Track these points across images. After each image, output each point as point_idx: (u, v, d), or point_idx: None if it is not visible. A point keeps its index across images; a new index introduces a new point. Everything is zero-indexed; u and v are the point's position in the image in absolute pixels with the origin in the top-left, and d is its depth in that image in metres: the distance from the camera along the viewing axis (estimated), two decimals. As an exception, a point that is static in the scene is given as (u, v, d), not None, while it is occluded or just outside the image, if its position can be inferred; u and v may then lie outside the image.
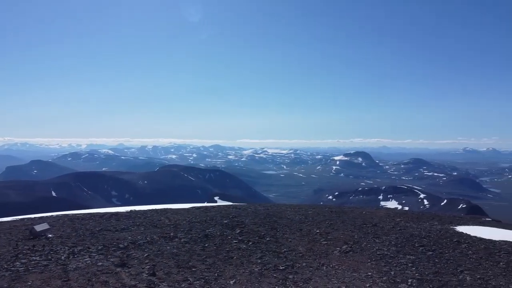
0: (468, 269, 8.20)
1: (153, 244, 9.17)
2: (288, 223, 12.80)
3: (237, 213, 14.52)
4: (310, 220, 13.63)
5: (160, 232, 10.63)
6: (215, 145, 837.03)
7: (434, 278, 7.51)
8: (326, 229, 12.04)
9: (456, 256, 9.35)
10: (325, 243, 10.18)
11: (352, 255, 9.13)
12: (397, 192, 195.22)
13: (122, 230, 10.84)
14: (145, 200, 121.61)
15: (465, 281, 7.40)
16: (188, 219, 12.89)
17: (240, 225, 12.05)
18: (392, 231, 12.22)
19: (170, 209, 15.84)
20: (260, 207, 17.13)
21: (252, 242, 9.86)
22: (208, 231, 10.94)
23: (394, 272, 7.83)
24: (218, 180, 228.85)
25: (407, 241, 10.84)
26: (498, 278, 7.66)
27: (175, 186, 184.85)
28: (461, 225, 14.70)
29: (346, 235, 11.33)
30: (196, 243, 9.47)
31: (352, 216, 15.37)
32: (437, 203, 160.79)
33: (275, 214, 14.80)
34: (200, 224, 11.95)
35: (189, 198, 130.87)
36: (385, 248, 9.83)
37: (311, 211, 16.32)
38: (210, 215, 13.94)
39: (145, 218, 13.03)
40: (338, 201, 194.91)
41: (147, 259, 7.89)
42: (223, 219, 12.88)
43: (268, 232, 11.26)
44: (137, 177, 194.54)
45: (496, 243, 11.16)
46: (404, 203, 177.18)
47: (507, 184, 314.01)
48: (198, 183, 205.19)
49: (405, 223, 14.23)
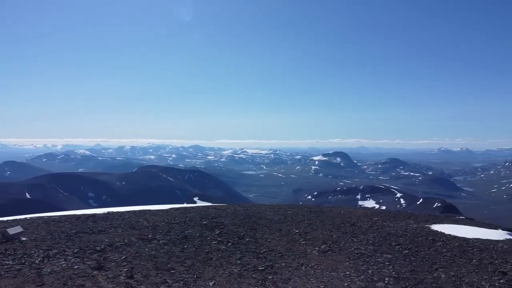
0: (442, 267, 8.41)
1: (131, 246, 9.05)
2: (268, 223, 12.84)
3: (217, 214, 14.46)
4: (289, 220, 13.71)
5: (138, 234, 10.49)
6: (194, 145, 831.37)
7: (410, 276, 7.67)
8: (305, 229, 12.13)
9: (431, 254, 9.59)
10: (304, 243, 10.25)
11: (330, 254, 9.23)
12: (374, 192, 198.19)
13: (99, 232, 10.65)
14: (123, 202, 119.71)
15: (440, 279, 7.59)
16: (167, 220, 12.76)
17: (219, 226, 12.01)
18: (369, 230, 12.42)
19: (148, 211, 15.64)
20: (239, 208, 17.11)
21: (231, 243, 9.85)
22: (187, 232, 10.85)
23: (371, 271, 7.96)
24: (197, 181, 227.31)
25: (384, 240, 11.04)
26: (471, 275, 7.89)
27: (153, 187, 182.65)
28: (436, 223, 15.06)
29: (325, 234, 11.45)
30: (175, 245, 9.39)
31: (330, 215, 15.53)
32: (413, 202, 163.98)
33: (255, 214, 14.81)
34: (179, 226, 11.85)
35: (168, 199, 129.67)
36: (362, 247, 9.99)
37: (290, 211, 16.41)
38: (189, 216, 13.84)
39: (123, 219, 12.82)
40: (317, 201, 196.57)
41: (125, 262, 7.77)
42: (203, 220, 12.81)
43: (248, 232, 11.26)
44: (114, 178, 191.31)
45: (469, 240, 11.49)
46: (382, 202, 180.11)
47: (480, 183, 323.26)
48: (177, 184, 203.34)
49: (382, 222, 14.49)
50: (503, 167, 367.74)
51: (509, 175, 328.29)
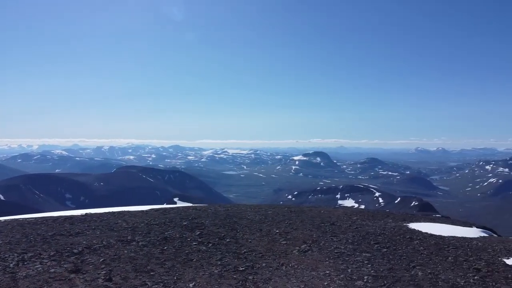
0: (419, 265, 8.59)
1: (109, 248, 8.89)
2: (248, 224, 12.84)
3: (197, 215, 14.37)
4: (269, 220, 13.75)
5: (117, 235, 10.31)
6: (174, 145, 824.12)
7: (388, 274, 7.80)
8: (286, 229, 12.19)
9: (408, 252, 9.77)
10: (284, 243, 10.30)
11: (310, 254, 9.31)
12: (354, 191, 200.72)
13: (77, 234, 10.42)
14: (101, 203, 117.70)
15: (417, 276, 7.75)
16: (146, 221, 12.58)
17: (200, 226, 11.94)
18: (349, 230, 12.57)
19: (127, 212, 15.40)
20: (220, 208, 17.06)
21: (212, 244, 9.81)
22: (167, 233, 10.75)
23: (351, 269, 8.06)
24: (177, 181, 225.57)
25: (363, 239, 11.20)
26: (447, 272, 8.08)
27: (133, 187, 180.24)
28: (413, 222, 15.37)
29: (305, 234, 11.53)
30: (154, 246, 9.28)
31: (310, 215, 15.65)
32: (391, 201, 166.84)
33: (235, 214, 14.79)
34: (158, 227, 11.71)
35: (147, 200, 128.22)
36: (342, 246, 10.10)
37: (271, 211, 16.45)
38: (169, 217, 13.70)
39: (101, 221, 12.58)
40: (297, 201, 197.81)
41: (103, 264, 7.64)
42: (183, 221, 12.70)
43: (228, 233, 11.24)
44: (92, 178, 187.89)
45: (445, 238, 11.77)
46: (361, 201, 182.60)
47: (455, 182, 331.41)
48: (157, 184, 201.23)
49: (361, 221, 14.68)
50: (477, 166, 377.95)
51: (482, 174, 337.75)
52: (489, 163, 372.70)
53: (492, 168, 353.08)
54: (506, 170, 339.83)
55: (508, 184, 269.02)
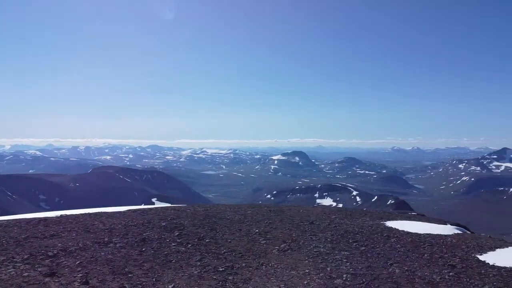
0: (397, 262, 8.75)
1: (86, 251, 8.69)
2: (228, 224, 12.81)
3: (176, 215, 14.23)
4: (249, 220, 13.75)
5: (94, 237, 10.10)
6: (152, 145, 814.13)
7: (366, 272, 7.92)
8: (265, 228, 12.21)
9: (386, 250, 9.95)
10: (264, 243, 10.32)
11: (290, 253, 9.35)
12: (332, 190, 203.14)
13: (52, 236, 10.15)
14: (77, 204, 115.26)
15: (395, 274, 7.90)
16: (124, 222, 12.36)
17: (178, 227, 11.83)
18: (327, 228, 12.69)
19: (104, 213, 15.11)
20: (199, 208, 16.95)
21: (191, 244, 9.73)
22: (145, 234, 10.60)
23: (330, 268, 8.14)
24: (155, 181, 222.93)
25: (341, 237, 11.33)
26: (423, 269, 8.26)
27: (109, 188, 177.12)
28: (390, 220, 15.65)
29: (284, 233, 11.58)
30: (132, 248, 9.13)
31: (290, 214, 15.74)
32: (368, 200, 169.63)
33: (215, 214, 14.73)
34: (136, 228, 11.53)
35: (125, 201, 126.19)
36: (321, 245, 10.19)
37: (250, 210, 16.46)
38: (147, 218, 13.51)
39: (77, 223, 12.29)
40: (276, 200, 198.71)
41: (80, 267, 7.46)
42: (161, 222, 12.55)
43: (208, 233, 11.18)
44: (68, 179, 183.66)
45: (421, 236, 12.03)
46: (339, 200, 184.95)
47: (430, 181, 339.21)
48: (135, 185, 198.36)
49: (339, 220, 14.85)
50: (451, 165, 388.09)
51: (456, 172, 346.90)
52: (462, 162, 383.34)
53: (465, 166, 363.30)
54: (478, 169, 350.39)
55: (479, 182, 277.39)
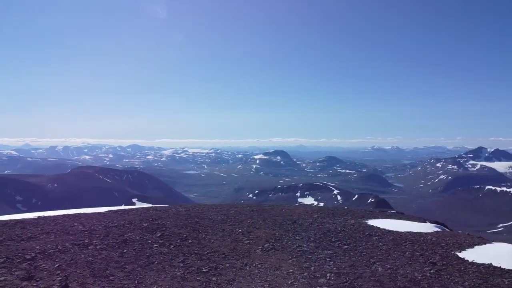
0: (379, 260, 8.85)
1: (65, 253, 8.47)
2: (210, 224, 12.72)
3: (158, 216, 14.05)
4: (232, 220, 13.69)
5: (73, 239, 9.86)
6: (133, 145, 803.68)
7: (350, 271, 7.97)
8: (248, 228, 12.18)
9: (368, 248, 10.04)
10: (247, 242, 10.28)
11: (274, 253, 9.34)
12: (313, 189, 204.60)
13: (29, 239, 9.86)
14: (55, 205, 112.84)
15: (377, 272, 7.97)
16: (104, 224, 12.13)
17: (160, 228, 11.68)
18: (310, 227, 12.74)
19: (83, 214, 14.80)
20: (181, 208, 16.80)
21: (173, 245, 9.61)
22: (127, 235, 10.41)
23: (313, 267, 8.17)
24: (136, 182, 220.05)
25: (324, 236, 11.39)
26: (405, 267, 8.36)
27: (89, 188, 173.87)
28: (372, 219, 15.83)
29: (267, 233, 11.57)
30: (113, 250, 8.95)
31: (272, 214, 15.74)
32: (349, 198, 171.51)
33: (197, 215, 14.61)
34: (117, 229, 11.32)
35: (105, 201, 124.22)
36: (304, 245, 10.22)
37: (233, 210, 16.40)
38: (128, 218, 13.29)
39: (56, 224, 11.99)
40: (258, 199, 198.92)
41: (59, 270, 7.27)
42: (143, 223, 12.37)
43: (190, 234, 11.07)
44: (45, 179, 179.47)
45: (402, 234, 12.20)
46: (320, 199, 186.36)
47: (409, 179, 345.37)
48: (115, 185, 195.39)
49: (322, 219, 14.94)
50: (429, 163, 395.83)
51: (434, 171, 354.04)
52: (439, 161, 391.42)
53: (442, 165, 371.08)
54: (455, 167, 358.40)
55: (456, 181, 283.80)
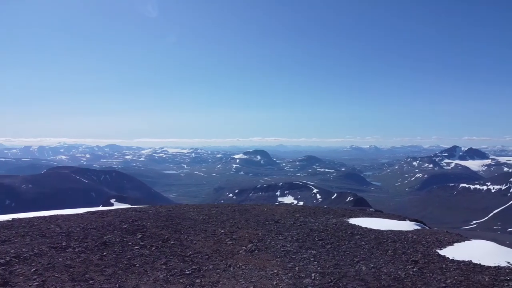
0: (363, 259, 8.87)
1: (42, 257, 8.15)
2: (192, 224, 12.54)
3: (137, 217, 13.76)
4: (214, 220, 13.54)
5: (50, 242, 9.52)
6: (110, 144, 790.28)
7: (334, 271, 7.95)
8: (231, 228, 12.06)
9: (351, 247, 10.07)
10: (230, 243, 10.16)
11: (257, 253, 9.25)
12: (293, 188, 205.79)
13: (3, 242, 9.47)
14: (30, 207, 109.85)
15: (361, 271, 7.98)
16: (82, 225, 11.78)
17: (141, 229, 11.42)
18: (293, 227, 12.71)
19: (60, 216, 14.37)
20: (161, 209, 16.53)
21: (155, 247, 9.40)
22: (106, 237, 10.13)
23: (298, 267, 8.11)
24: (114, 182, 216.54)
25: (307, 236, 11.37)
26: (388, 266, 8.41)
27: (65, 189, 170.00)
28: (353, 217, 15.94)
29: (250, 233, 11.47)
30: (92, 252, 8.68)
31: (254, 213, 15.66)
32: (328, 197, 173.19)
33: (178, 215, 14.39)
34: (96, 231, 11.01)
35: (82, 202, 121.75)
36: (288, 244, 10.17)
37: (214, 210, 16.24)
38: (107, 220, 12.97)
39: (31, 227, 11.58)
40: (238, 199, 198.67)
41: (35, 275, 6.98)
42: (122, 224, 12.07)
43: (172, 235, 10.87)
44: (20, 180, 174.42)
45: (383, 232, 12.30)
46: (299, 198, 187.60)
47: (386, 178, 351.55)
48: (92, 186, 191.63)
49: (304, 218, 14.94)
50: (406, 162, 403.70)
51: (410, 169, 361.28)
52: (416, 160, 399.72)
53: (419, 164, 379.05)
54: (431, 166, 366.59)
55: (432, 179, 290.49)
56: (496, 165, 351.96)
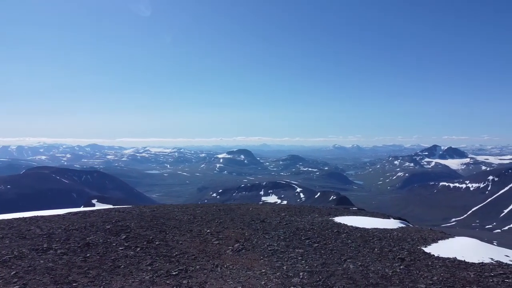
0: (350, 258, 8.87)
1: (22, 259, 7.89)
2: (177, 224, 12.37)
3: (121, 217, 13.51)
4: (199, 220, 13.39)
5: (31, 244, 9.23)
6: (92, 144, 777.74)
7: (322, 269, 7.92)
8: (217, 228, 11.94)
9: (338, 246, 10.08)
10: (217, 243, 10.04)
11: (244, 253, 9.16)
12: (276, 187, 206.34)
13: (-19, 245, 9.17)
14: (9, 208, 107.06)
15: (349, 269, 7.98)
16: (64, 226, 11.48)
17: (125, 230, 11.20)
18: (279, 226, 12.67)
19: (41, 217, 13.99)
20: (145, 209, 16.28)
21: (140, 248, 9.21)
22: (89, 239, 9.89)
23: (286, 266, 8.06)
24: (96, 182, 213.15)
25: (294, 234, 11.33)
26: (375, 264, 8.43)
27: (45, 190, 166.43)
28: (338, 216, 16.00)
29: (236, 233, 11.37)
30: (75, 254, 8.46)
31: (239, 213, 15.57)
32: (311, 196, 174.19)
33: (162, 215, 14.19)
34: (78, 232, 10.74)
35: (62, 203, 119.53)
36: (275, 244, 10.11)
37: (199, 210, 16.09)
38: (89, 220, 12.68)
39: (11, 228, 11.22)
40: (222, 198, 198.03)
41: (16, 278, 6.74)
42: (105, 225, 11.82)
43: (157, 235, 10.69)
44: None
45: (369, 230, 12.37)
46: (283, 197, 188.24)
47: (368, 177, 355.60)
48: (73, 186, 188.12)
49: (289, 217, 14.92)
50: (387, 161, 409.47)
51: (392, 168, 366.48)
52: (397, 159, 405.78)
53: (400, 163, 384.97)
54: (411, 165, 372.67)
55: (413, 178, 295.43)
56: (475, 163, 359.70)
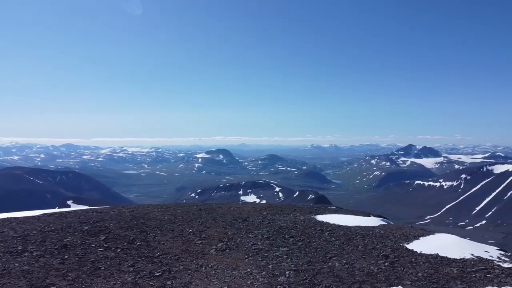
0: (335, 255, 8.84)
1: (-5, 263, 7.54)
2: (158, 224, 12.10)
3: (99, 218, 13.12)
4: (180, 220, 13.15)
5: (4, 246, 8.82)
6: (67, 144, 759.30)
7: (308, 268, 7.86)
8: (199, 228, 11.74)
9: (322, 244, 10.04)
10: (200, 243, 9.85)
11: (229, 252, 9.02)
12: (255, 187, 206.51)
13: (-50, 248, 8.70)
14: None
15: (335, 267, 7.94)
16: (39, 228, 11.04)
17: (104, 230, 10.87)
18: (262, 225, 12.56)
19: (14, 218, 13.43)
20: (124, 209, 15.88)
21: (120, 249, 8.94)
22: (67, 240, 9.54)
23: (271, 265, 7.96)
24: (71, 183, 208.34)
25: (277, 233, 11.25)
26: (360, 261, 8.42)
27: (18, 191, 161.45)
28: (320, 214, 16.02)
29: (219, 232, 11.21)
30: (52, 256, 8.11)
31: (221, 212, 15.39)
32: (290, 195, 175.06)
33: (142, 215, 13.87)
34: (55, 233, 10.35)
35: (36, 205, 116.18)
36: (259, 242, 9.99)
37: (180, 210, 15.82)
38: (66, 221, 12.25)
39: (-18, 231, 10.76)
40: (200, 198, 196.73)
41: (-12, 282, 6.42)
42: (83, 225, 11.44)
43: (138, 235, 10.41)
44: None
45: (351, 228, 12.41)
46: (262, 196, 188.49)
47: (346, 176, 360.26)
48: (47, 187, 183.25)
49: (272, 216, 14.83)
50: (364, 160, 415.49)
51: (368, 167, 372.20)
52: (374, 158, 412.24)
53: (376, 162, 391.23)
54: (388, 164, 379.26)
55: (389, 176, 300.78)
56: (448, 162, 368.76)
